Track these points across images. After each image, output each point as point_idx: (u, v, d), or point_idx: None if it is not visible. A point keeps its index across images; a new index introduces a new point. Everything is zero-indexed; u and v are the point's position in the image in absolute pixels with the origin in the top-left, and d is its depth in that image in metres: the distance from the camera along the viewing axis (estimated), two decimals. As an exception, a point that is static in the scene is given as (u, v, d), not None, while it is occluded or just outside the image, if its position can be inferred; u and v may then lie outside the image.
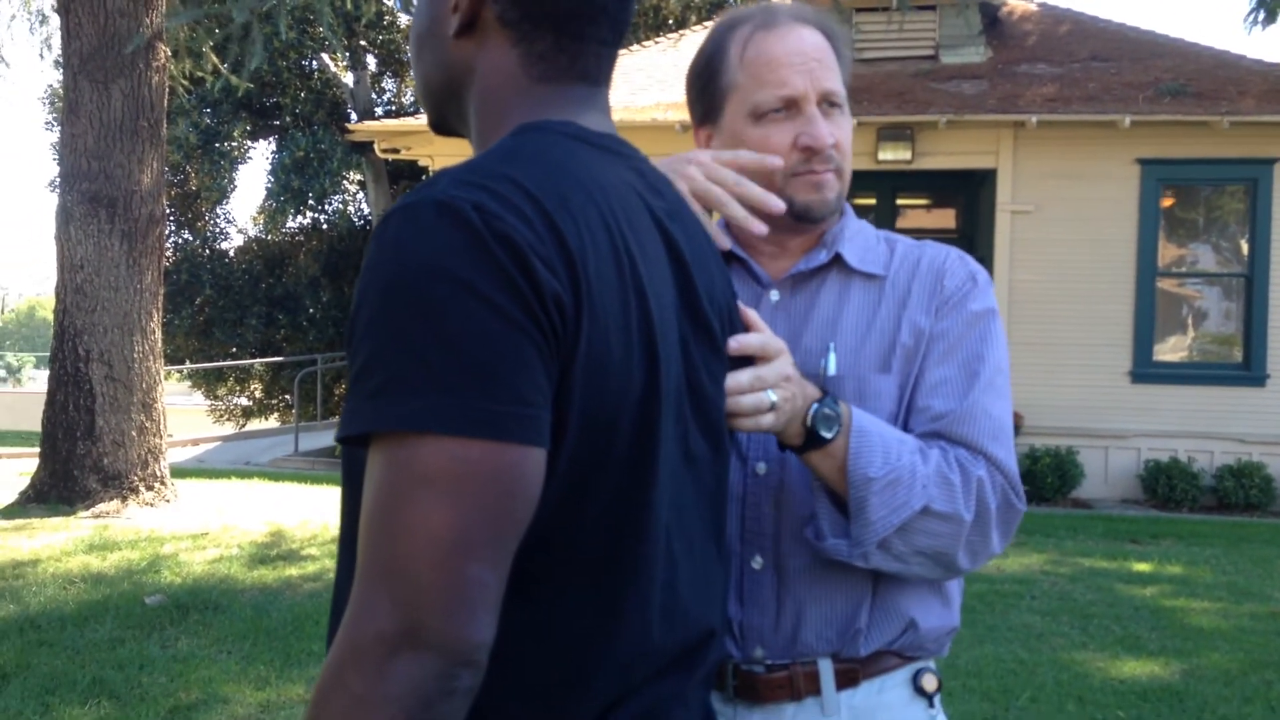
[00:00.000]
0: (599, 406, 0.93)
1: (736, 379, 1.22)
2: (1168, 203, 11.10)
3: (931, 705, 1.50)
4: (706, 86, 1.53)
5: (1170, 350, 11.16)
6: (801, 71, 1.46)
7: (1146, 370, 10.76)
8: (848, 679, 1.46)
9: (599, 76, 1.11)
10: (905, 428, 1.44)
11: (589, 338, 0.91)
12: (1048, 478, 10.22)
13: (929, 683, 1.49)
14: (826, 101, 1.48)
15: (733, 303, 1.22)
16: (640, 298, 0.97)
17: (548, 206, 0.91)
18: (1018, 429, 10.38)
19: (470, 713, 0.91)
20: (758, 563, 1.46)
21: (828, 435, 1.32)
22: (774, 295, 1.52)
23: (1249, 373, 10.65)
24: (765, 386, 1.24)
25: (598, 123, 1.09)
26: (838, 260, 1.52)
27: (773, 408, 1.25)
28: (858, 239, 1.54)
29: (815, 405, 1.32)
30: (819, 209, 1.49)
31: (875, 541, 1.35)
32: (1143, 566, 7.36)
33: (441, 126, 1.19)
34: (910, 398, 1.45)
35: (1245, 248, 10.86)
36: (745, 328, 1.27)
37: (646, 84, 12.45)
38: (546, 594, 0.95)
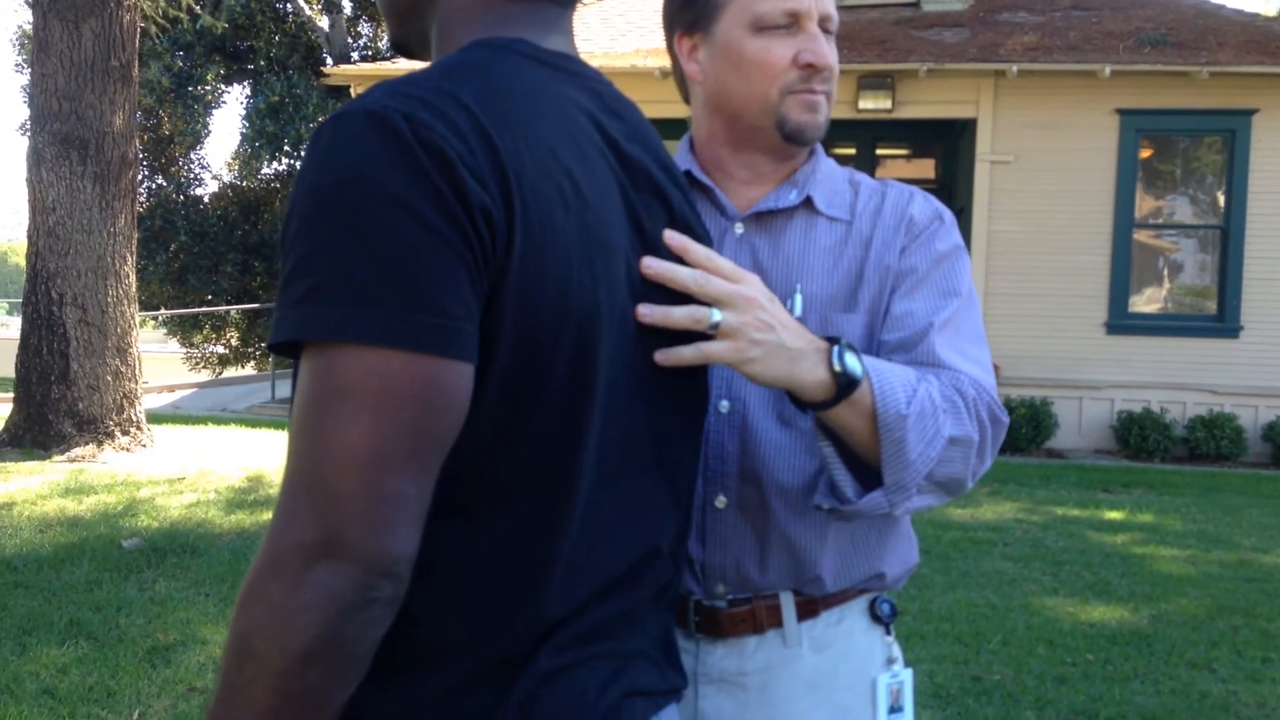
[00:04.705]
0: (534, 325, 0.91)
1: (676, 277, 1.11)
2: (1146, 153, 11.11)
3: (888, 632, 1.52)
4: None
5: (1145, 302, 11.22)
6: None
7: (1122, 321, 10.82)
8: (808, 610, 1.47)
9: None
10: None
11: (522, 254, 0.90)
12: (1022, 428, 10.30)
13: (885, 610, 1.51)
14: (824, 25, 1.46)
15: (696, 227, 1.18)
16: (581, 218, 0.96)
17: (483, 120, 0.90)
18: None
19: (415, 632, 0.93)
20: (721, 501, 1.44)
21: (858, 373, 1.22)
22: (739, 229, 1.49)
23: (1222, 324, 10.73)
24: (708, 297, 1.12)
25: (558, 43, 1.07)
26: (807, 202, 1.50)
27: (715, 327, 1.12)
28: (827, 182, 1.52)
29: (837, 346, 1.22)
30: (811, 130, 1.47)
31: (917, 481, 1.27)
32: (1114, 515, 7.44)
33: (403, 47, 1.17)
34: (879, 333, 1.43)
35: (1221, 200, 10.90)
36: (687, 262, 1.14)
37: (626, 29, 12.33)
38: (486, 512, 0.95)
